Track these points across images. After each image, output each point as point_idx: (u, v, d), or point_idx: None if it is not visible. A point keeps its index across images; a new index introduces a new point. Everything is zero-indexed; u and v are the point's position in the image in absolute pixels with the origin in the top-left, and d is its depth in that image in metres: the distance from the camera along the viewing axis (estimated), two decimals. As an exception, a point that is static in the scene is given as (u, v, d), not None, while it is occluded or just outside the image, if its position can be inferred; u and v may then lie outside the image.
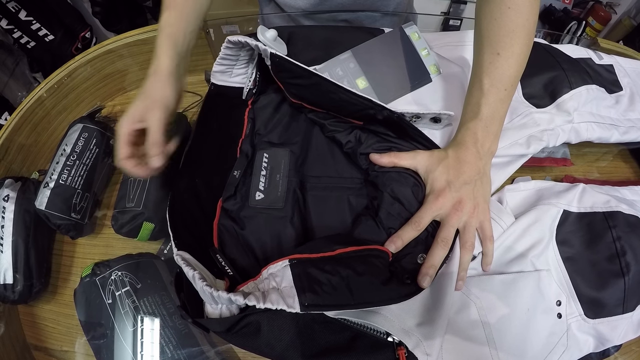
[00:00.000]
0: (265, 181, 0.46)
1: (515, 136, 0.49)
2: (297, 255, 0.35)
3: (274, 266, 0.35)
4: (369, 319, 0.36)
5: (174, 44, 0.44)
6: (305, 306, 0.31)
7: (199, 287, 0.33)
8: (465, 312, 0.41)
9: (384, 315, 0.37)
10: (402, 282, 0.36)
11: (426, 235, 0.40)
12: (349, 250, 0.36)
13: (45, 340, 0.52)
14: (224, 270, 0.38)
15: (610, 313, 0.44)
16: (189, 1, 0.47)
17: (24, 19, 1.26)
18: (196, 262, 0.36)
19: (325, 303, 0.32)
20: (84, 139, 0.55)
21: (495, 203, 0.47)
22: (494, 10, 0.43)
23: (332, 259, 0.35)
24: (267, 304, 0.32)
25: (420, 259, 0.39)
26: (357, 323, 0.37)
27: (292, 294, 0.32)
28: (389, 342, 0.37)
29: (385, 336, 0.37)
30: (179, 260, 0.35)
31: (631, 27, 1.67)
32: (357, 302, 0.33)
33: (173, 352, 0.44)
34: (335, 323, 0.36)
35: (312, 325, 0.35)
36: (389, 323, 0.36)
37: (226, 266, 0.38)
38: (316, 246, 0.37)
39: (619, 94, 0.60)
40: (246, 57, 0.49)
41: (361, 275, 0.34)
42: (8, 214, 0.51)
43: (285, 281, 0.34)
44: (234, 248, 0.42)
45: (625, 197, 0.52)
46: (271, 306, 0.31)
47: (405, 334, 0.36)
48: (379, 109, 0.42)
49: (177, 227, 0.38)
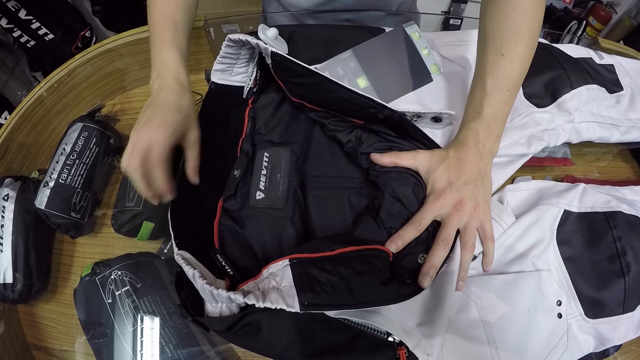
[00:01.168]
0: (265, 180, 0.46)
1: (516, 136, 0.48)
2: (298, 254, 0.35)
3: (274, 265, 0.35)
4: (369, 319, 0.36)
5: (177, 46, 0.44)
6: (304, 305, 0.31)
7: (199, 285, 0.33)
8: (466, 311, 0.41)
9: (384, 315, 0.37)
10: (402, 282, 0.36)
11: (427, 235, 0.40)
12: (349, 250, 0.36)
13: (45, 340, 0.52)
14: (224, 270, 0.38)
15: (610, 313, 0.44)
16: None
17: (23, 18, 1.26)
18: (196, 261, 0.36)
19: (325, 303, 0.32)
20: (84, 138, 0.55)
21: (495, 203, 0.47)
22: (499, 11, 0.43)
23: (333, 259, 0.35)
24: (267, 303, 0.32)
25: (420, 259, 0.39)
26: (357, 323, 0.37)
27: (291, 294, 0.32)
28: (390, 342, 0.37)
29: (386, 336, 0.37)
30: (179, 260, 0.35)
31: (631, 27, 1.67)
32: (357, 302, 0.33)
33: (173, 351, 0.44)
34: (336, 323, 0.36)
35: (313, 325, 0.35)
36: (390, 323, 0.36)
37: (226, 266, 0.38)
38: (316, 246, 0.37)
39: (620, 93, 0.60)
40: (247, 56, 0.49)
41: (361, 275, 0.34)
42: (8, 213, 0.51)
43: (285, 280, 0.33)
44: (234, 248, 0.42)
45: (626, 197, 0.52)
46: (270, 305, 0.31)
47: (405, 334, 0.36)
48: (380, 108, 0.42)
49: (179, 227, 0.38)
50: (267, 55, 0.44)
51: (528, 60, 0.44)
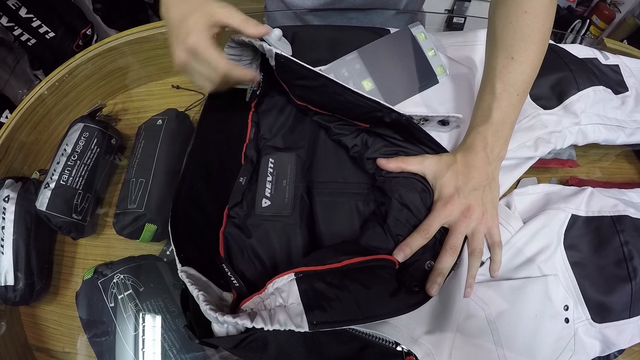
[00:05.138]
0: (271, 187, 0.45)
1: (523, 138, 0.48)
2: (303, 268, 0.34)
3: (279, 280, 0.34)
4: (377, 329, 0.36)
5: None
6: (313, 325, 0.31)
7: (203, 309, 0.32)
8: (474, 318, 0.40)
9: (392, 324, 0.36)
10: (410, 290, 0.36)
11: (434, 242, 0.40)
12: (355, 262, 0.35)
13: (47, 342, 0.52)
14: (230, 282, 0.37)
15: (617, 317, 0.44)
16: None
17: (24, 16, 1.26)
18: (200, 277, 0.35)
19: (333, 319, 0.31)
20: (85, 139, 0.55)
21: (503, 208, 0.47)
22: (510, 13, 0.42)
23: (339, 271, 0.34)
24: (275, 325, 0.31)
25: (428, 266, 0.38)
26: (365, 332, 0.36)
27: (299, 312, 0.31)
28: (398, 352, 0.37)
29: (394, 345, 0.37)
30: (183, 277, 0.34)
31: (635, 26, 1.67)
32: (365, 316, 0.32)
33: (177, 355, 0.43)
34: (343, 334, 0.35)
35: (319, 337, 0.35)
36: (398, 332, 0.36)
37: (232, 277, 0.37)
38: (322, 257, 0.36)
39: (625, 94, 0.59)
40: (249, 57, 0.48)
41: (369, 288, 0.33)
42: (9, 214, 0.50)
43: (292, 297, 0.33)
44: (240, 257, 0.41)
45: (633, 200, 0.51)
46: (279, 327, 0.31)
47: (414, 343, 0.36)
48: (387, 112, 0.42)
49: (181, 240, 0.37)
50: (270, 57, 0.43)
51: (538, 64, 0.43)
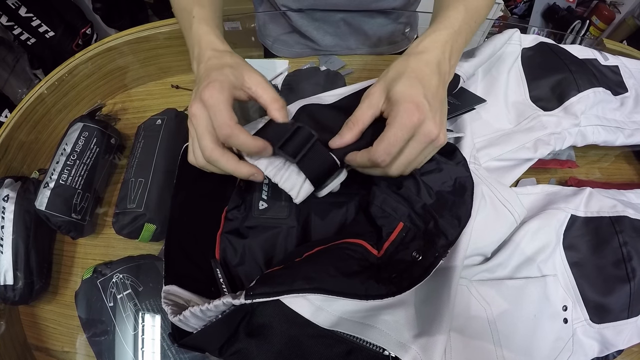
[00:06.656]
0: (268, 190, 0.44)
1: (522, 139, 0.48)
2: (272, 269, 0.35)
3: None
4: (363, 334, 0.34)
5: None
6: (250, 295, 0.30)
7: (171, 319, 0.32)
8: (476, 319, 0.40)
9: (379, 329, 0.34)
10: (381, 279, 0.34)
11: (424, 229, 0.37)
12: (316, 250, 0.35)
13: (46, 341, 0.52)
14: (220, 289, 0.37)
15: (615, 318, 0.44)
16: None
17: (24, 16, 1.26)
18: (184, 293, 0.35)
19: (273, 290, 0.31)
20: (84, 138, 0.55)
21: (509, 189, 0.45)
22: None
23: (301, 261, 0.34)
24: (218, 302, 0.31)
25: (414, 255, 0.36)
26: (352, 336, 0.34)
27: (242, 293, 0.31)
28: (386, 357, 0.34)
29: (382, 350, 0.34)
30: (163, 297, 0.34)
31: (635, 27, 1.67)
32: (304, 287, 0.31)
33: (176, 355, 0.43)
34: (329, 337, 0.33)
35: (302, 341, 0.33)
36: (385, 337, 0.34)
37: (223, 284, 0.37)
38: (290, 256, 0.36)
39: (624, 95, 0.59)
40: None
41: (323, 265, 0.33)
42: (8, 214, 0.50)
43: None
44: (237, 259, 0.41)
45: (632, 201, 0.51)
46: (223, 306, 0.31)
47: (401, 348, 0.34)
48: None
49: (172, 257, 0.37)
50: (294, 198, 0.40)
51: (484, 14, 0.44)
